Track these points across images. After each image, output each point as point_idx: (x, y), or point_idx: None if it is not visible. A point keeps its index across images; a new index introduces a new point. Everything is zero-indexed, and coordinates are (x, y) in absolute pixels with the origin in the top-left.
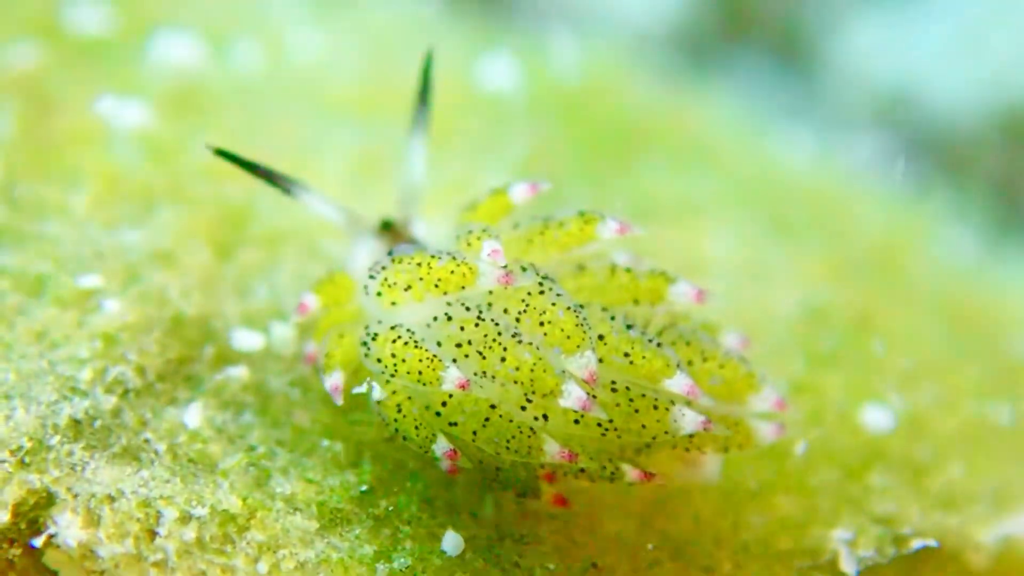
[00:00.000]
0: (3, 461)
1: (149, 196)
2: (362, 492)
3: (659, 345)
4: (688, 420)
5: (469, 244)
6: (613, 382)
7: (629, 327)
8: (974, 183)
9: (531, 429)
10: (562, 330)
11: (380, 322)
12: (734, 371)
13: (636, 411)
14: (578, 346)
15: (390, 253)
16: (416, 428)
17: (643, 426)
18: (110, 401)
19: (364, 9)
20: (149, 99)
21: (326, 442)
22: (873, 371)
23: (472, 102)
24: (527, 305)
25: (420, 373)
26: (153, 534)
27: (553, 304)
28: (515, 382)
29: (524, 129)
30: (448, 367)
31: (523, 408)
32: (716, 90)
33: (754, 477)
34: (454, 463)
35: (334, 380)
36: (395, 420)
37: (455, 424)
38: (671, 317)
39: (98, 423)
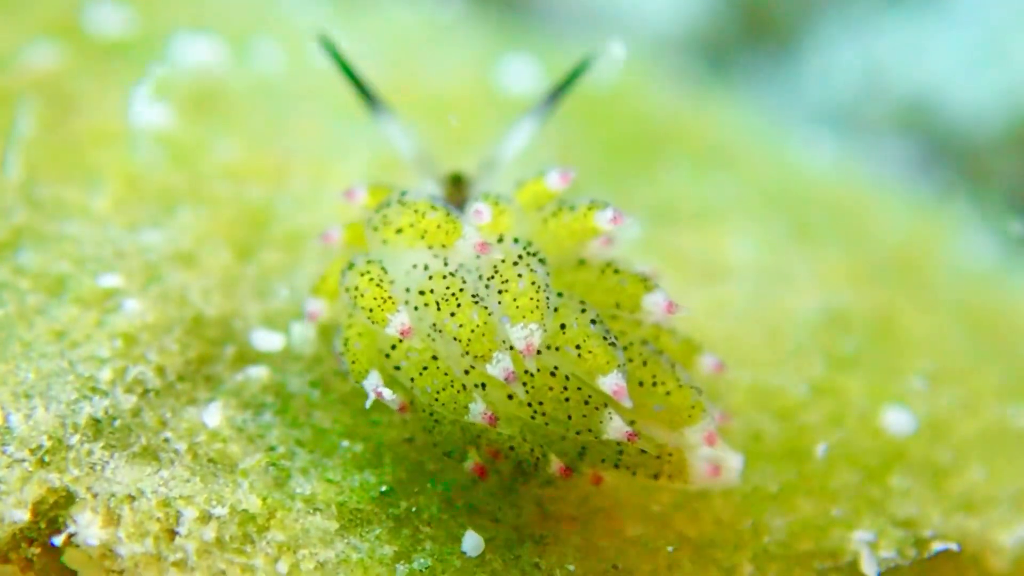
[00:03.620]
0: (23, 460)
1: (169, 197)
2: (382, 493)
3: (613, 345)
4: (613, 426)
5: None
6: (555, 367)
7: (593, 322)
8: (993, 189)
9: (463, 386)
10: (515, 299)
11: (367, 254)
12: (683, 399)
13: (566, 400)
14: (524, 318)
15: (403, 193)
16: (353, 362)
17: (569, 416)
18: (130, 400)
19: (384, 12)
20: (170, 100)
21: (346, 442)
22: (894, 374)
23: (493, 104)
24: (496, 272)
25: (371, 311)
26: (173, 534)
27: (519, 275)
28: (455, 339)
29: (545, 132)
30: (398, 312)
31: (467, 372)
32: (736, 95)
33: (775, 479)
34: (402, 406)
35: (314, 307)
36: (343, 352)
37: (399, 368)
38: (655, 331)
39: (118, 422)
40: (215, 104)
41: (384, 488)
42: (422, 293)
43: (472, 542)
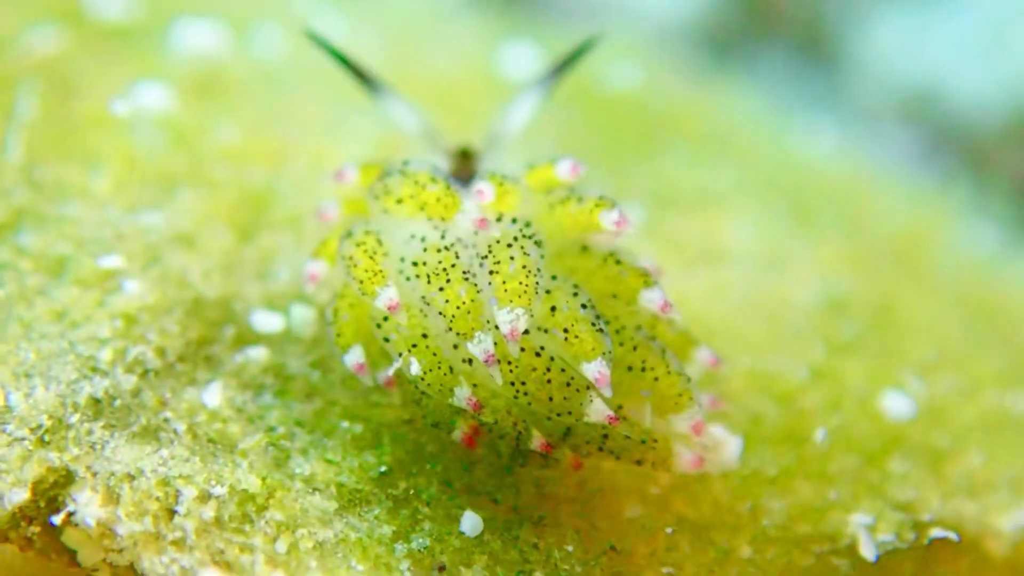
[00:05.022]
0: (23, 439)
1: (170, 179)
2: (381, 473)
3: (601, 331)
4: (594, 409)
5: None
6: (542, 347)
7: (584, 307)
8: (995, 179)
9: (450, 368)
10: (504, 282)
11: (367, 223)
12: (671, 387)
13: (548, 381)
14: (512, 302)
15: (405, 163)
16: (338, 335)
17: (550, 398)
18: (130, 381)
19: None
20: (171, 84)
21: (346, 423)
22: (893, 359)
23: (494, 90)
24: (490, 251)
25: (362, 282)
26: (172, 513)
27: (512, 258)
28: (441, 314)
29: (546, 118)
30: (387, 286)
31: (455, 347)
32: (738, 83)
33: (774, 463)
34: (388, 381)
35: (313, 268)
36: (331, 323)
37: (388, 341)
38: (652, 320)
39: (118, 402)
40: (216, 88)
41: (383, 468)
42: (415, 264)
43: (471, 522)
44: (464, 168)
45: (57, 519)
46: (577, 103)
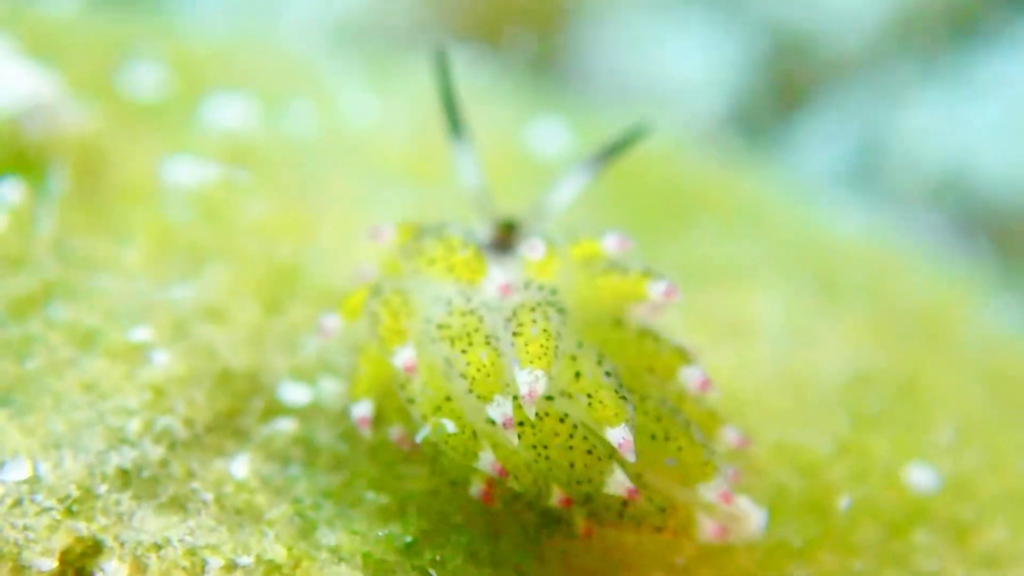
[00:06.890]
0: (51, 509)
1: (200, 253)
2: (407, 544)
3: (624, 399)
4: (615, 480)
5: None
6: (566, 414)
7: (608, 374)
8: (1023, 259)
9: (474, 432)
10: (526, 344)
11: (397, 281)
12: (695, 456)
13: (570, 448)
14: (531, 363)
15: (442, 225)
16: (353, 386)
17: (571, 464)
18: (158, 452)
19: (416, 77)
20: (202, 158)
21: (372, 494)
22: (919, 432)
23: (523, 167)
24: (514, 315)
25: (383, 339)
26: None
27: (534, 321)
28: (462, 376)
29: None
30: (406, 346)
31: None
32: (767, 161)
33: (799, 534)
34: (401, 438)
35: (330, 324)
36: (354, 372)
37: (411, 402)
38: (677, 397)
39: (146, 473)
40: (247, 163)
41: (409, 539)
42: (440, 327)
43: None
44: (506, 239)
45: None
46: (607, 179)
